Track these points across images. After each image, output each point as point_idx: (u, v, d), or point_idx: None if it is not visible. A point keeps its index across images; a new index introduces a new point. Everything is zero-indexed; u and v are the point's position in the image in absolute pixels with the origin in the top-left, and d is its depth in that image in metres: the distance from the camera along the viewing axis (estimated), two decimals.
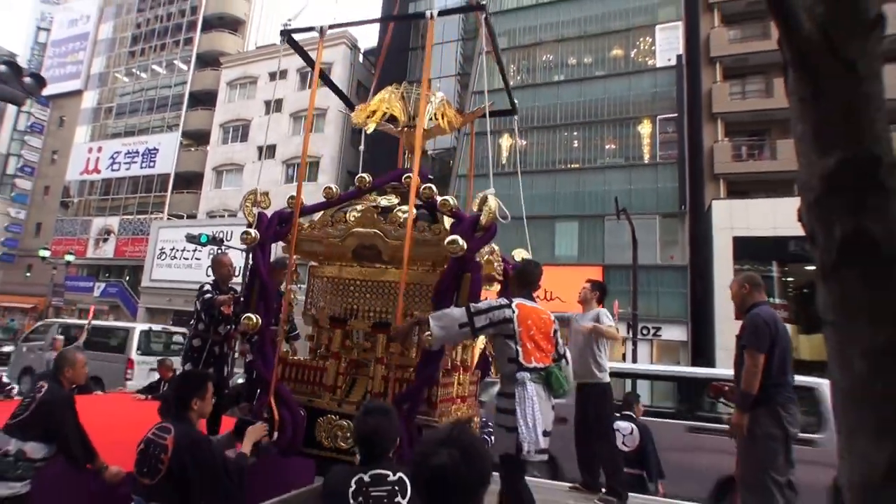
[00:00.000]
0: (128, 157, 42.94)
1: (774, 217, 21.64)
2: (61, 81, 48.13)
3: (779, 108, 24.06)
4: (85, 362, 4.26)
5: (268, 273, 4.48)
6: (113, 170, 43.38)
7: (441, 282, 3.75)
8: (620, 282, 22.32)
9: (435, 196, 4.16)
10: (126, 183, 42.92)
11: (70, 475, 3.74)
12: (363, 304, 4.51)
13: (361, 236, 4.28)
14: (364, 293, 4.52)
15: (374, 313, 4.38)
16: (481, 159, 29.18)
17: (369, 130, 5.18)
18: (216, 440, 3.42)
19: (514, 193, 22.88)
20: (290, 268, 4.64)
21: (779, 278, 22.12)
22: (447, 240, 3.69)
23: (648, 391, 13.22)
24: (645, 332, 23.03)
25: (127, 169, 42.81)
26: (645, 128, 26.54)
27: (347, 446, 3.90)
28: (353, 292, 4.58)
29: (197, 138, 41.63)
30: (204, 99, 41.87)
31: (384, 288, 4.41)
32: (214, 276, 6.01)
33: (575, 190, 26.48)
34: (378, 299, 4.42)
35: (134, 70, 45.78)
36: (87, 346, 13.65)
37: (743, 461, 3.96)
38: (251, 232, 4.37)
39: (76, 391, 5.30)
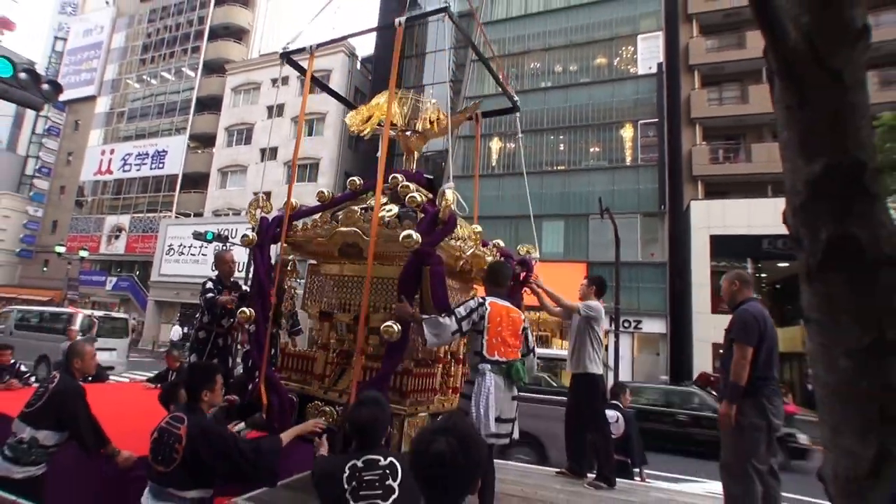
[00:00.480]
0: (138, 159, 42.82)
1: (749, 217, 21.77)
2: (76, 87, 48.11)
3: (754, 114, 24.19)
4: (94, 353, 4.20)
5: (265, 272, 4.53)
6: (124, 171, 43.28)
7: (402, 275, 3.75)
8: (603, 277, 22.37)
9: (410, 193, 4.10)
10: (136, 183, 42.80)
11: (83, 460, 3.72)
12: (349, 299, 4.53)
13: (344, 235, 4.29)
14: (350, 288, 4.54)
15: (357, 307, 4.38)
16: (472, 161, 29.27)
17: (366, 136, 5.17)
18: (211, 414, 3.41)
19: (503, 194, 22.78)
20: (280, 265, 4.69)
21: (753, 274, 22.17)
22: (401, 235, 3.69)
23: None
24: (626, 325, 23.11)
25: (137, 170, 42.70)
26: (627, 132, 26.57)
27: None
28: (341, 287, 4.58)
29: (203, 141, 41.50)
30: (210, 104, 41.73)
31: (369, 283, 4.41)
32: (217, 272, 6.00)
33: (561, 190, 26.52)
34: (360, 294, 4.43)
35: (144, 77, 45.63)
36: (39, 329, 16.01)
37: (727, 449, 3.93)
38: (249, 235, 4.64)
39: (91, 380, 5.28)
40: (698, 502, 5.08)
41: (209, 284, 5.75)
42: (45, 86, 7.15)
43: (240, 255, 18.20)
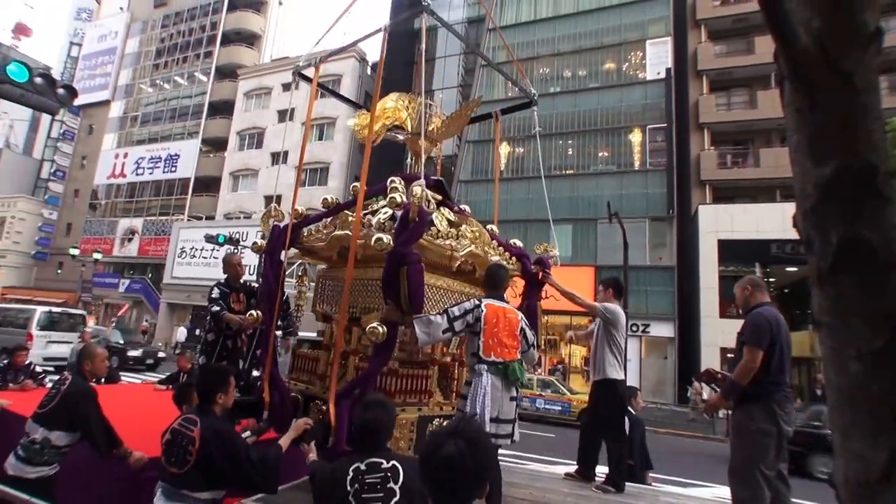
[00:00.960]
0: (151, 163, 43.14)
1: (757, 221, 21.64)
2: (91, 92, 48.60)
3: (762, 119, 24.07)
4: (105, 356, 4.22)
5: (273, 277, 4.57)
6: (137, 174, 43.59)
7: (383, 277, 3.75)
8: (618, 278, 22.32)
9: (394, 193, 4.06)
10: (149, 186, 43.13)
11: (95, 460, 3.72)
12: (341, 300, 4.57)
13: (339, 238, 4.32)
14: (342, 291, 4.59)
15: (358, 309, 4.39)
16: (482, 165, 29.31)
17: (376, 142, 5.16)
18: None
19: (511, 198, 22.71)
20: (282, 270, 4.70)
21: (762, 279, 22.06)
22: (373, 239, 3.69)
23: None
24: (635, 329, 23.04)
25: (150, 173, 43.00)
26: (635, 137, 26.53)
27: None
28: (339, 290, 4.60)
29: (215, 145, 41.77)
30: (222, 108, 42.01)
31: (363, 285, 4.42)
32: (225, 275, 6.01)
33: (569, 195, 26.49)
34: (357, 295, 4.43)
35: (158, 81, 45.98)
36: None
37: (735, 454, 3.90)
38: (258, 242, 4.89)
39: (104, 381, 5.30)
40: None
41: (215, 291, 5.70)
42: (61, 90, 7.19)
43: (250, 259, 18.27)
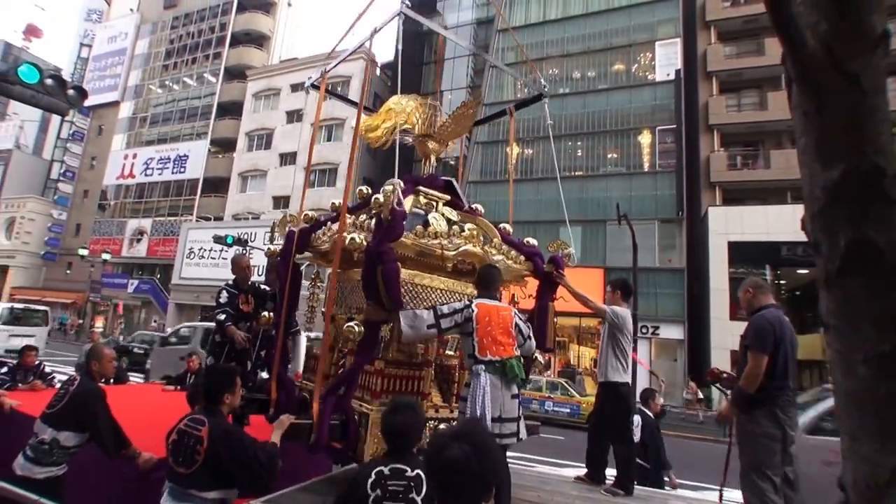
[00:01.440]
0: (160, 163, 43.36)
1: (767, 223, 21.52)
2: (101, 93, 48.87)
3: (772, 121, 23.92)
4: (113, 357, 4.24)
5: (284, 279, 4.62)
6: (146, 175, 43.83)
7: (362, 277, 3.79)
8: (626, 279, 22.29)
9: (380, 196, 4.02)
10: (158, 187, 43.35)
11: (103, 461, 3.74)
12: (349, 302, 4.69)
13: (338, 240, 4.34)
14: (348, 291, 4.71)
15: (354, 309, 4.45)
16: (490, 167, 29.30)
17: (387, 147, 5.19)
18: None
19: (518, 199, 22.66)
20: (292, 273, 4.74)
21: (772, 281, 21.96)
22: (346, 239, 3.74)
23: None
24: (644, 331, 22.94)
25: (159, 174, 43.23)
26: (645, 138, 26.46)
27: None
28: (340, 291, 4.71)
29: (224, 146, 41.94)
30: (231, 109, 42.19)
31: (357, 285, 4.44)
32: (234, 276, 6.01)
33: (578, 196, 26.41)
34: (355, 296, 4.48)
35: (167, 82, 46.24)
36: None
37: (743, 458, 3.90)
38: (271, 247, 5.06)
39: (112, 382, 5.31)
40: None
41: (224, 296, 5.70)
42: (71, 91, 7.24)
43: (258, 259, 18.32)
